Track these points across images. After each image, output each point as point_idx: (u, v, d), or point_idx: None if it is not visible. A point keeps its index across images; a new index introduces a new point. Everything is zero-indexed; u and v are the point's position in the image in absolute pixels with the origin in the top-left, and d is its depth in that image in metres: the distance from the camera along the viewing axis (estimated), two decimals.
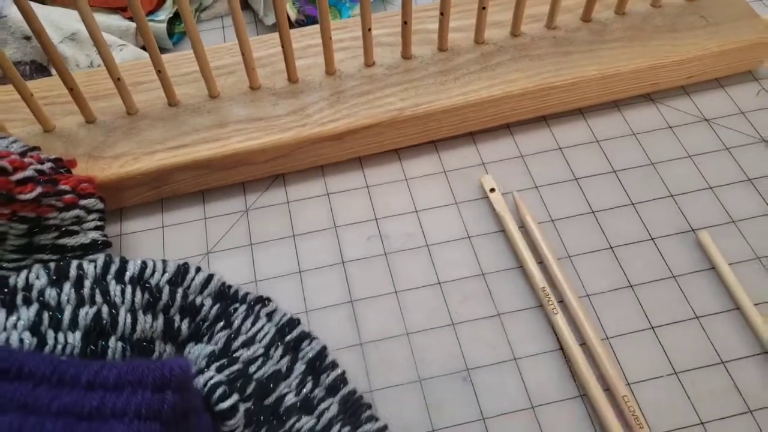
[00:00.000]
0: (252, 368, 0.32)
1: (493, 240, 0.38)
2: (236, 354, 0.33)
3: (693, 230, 0.37)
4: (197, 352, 0.33)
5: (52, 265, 0.33)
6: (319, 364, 0.33)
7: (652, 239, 0.37)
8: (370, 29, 0.40)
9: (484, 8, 0.41)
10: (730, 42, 0.42)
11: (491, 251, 0.37)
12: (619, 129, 0.42)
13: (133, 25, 0.48)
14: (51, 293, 0.31)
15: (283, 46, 0.40)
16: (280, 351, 0.33)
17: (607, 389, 0.32)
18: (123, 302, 0.32)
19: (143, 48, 0.48)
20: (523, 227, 0.38)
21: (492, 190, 0.39)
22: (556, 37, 0.43)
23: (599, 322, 0.34)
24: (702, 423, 0.31)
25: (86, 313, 0.31)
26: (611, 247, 0.37)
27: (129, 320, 0.32)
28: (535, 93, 0.41)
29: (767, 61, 0.44)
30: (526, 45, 0.43)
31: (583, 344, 0.33)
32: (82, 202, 0.36)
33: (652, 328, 0.34)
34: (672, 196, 0.39)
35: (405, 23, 0.41)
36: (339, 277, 0.37)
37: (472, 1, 0.45)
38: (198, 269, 0.35)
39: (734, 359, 0.33)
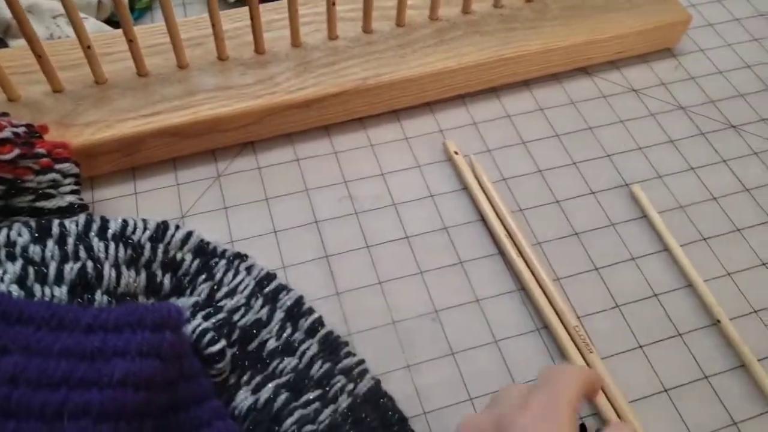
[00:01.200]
0: (235, 317, 0.34)
1: (454, 198, 0.41)
2: (220, 303, 0.34)
3: (627, 184, 0.42)
4: (181, 304, 0.35)
5: (33, 223, 0.33)
6: (297, 311, 0.35)
7: (593, 193, 0.42)
8: (334, 3, 0.43)
9: None
10: (650, 22, 0.48)
11: (452, 208, 0.41)
12: (559, 99, 0.47)
13: None
14: (35, 249, 0.32)
15: (252, 18, 0.42)
16: (260, 301, 0.35)
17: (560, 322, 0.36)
18: (107, 257, 0.33)
19: (105, 21, 0.49)
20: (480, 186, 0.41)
21: (456, 152, 0.43)
22: (502, 14, 0.47)
23: (550, 265, 0.39)
24: (641, 346, 0.36)
25: (71, 267, 0.32)
26: (557, 201, 0.41)
27: (113, 274, 0.33)
28: (485, 65, 0.45)
29: (682, 40, 0.50)
30: (477, 21, 0.47)
31: (538, 285, 0.37)
32: (58, 166, 0.37)
33: (596, 269, 0.39)
34: (608, 155, 0.44)
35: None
36: (313, 235, 0.39)
37: None
38: (177, 226, 0.36)
39: (665, 292, 0.38)
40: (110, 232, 0.34)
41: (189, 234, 0.36)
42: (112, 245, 0.34)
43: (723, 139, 0.45)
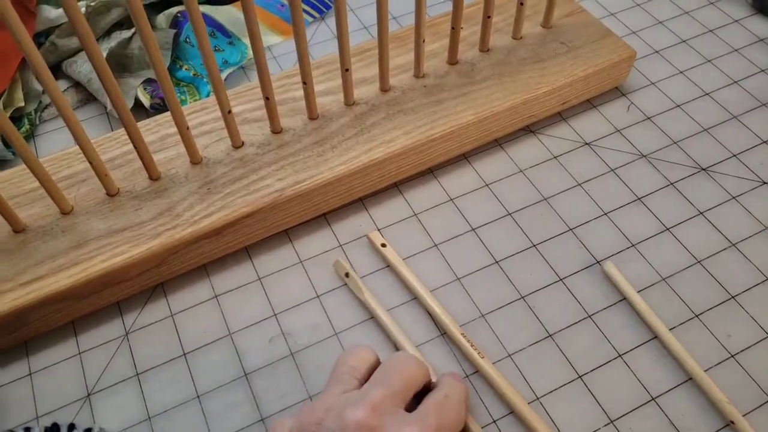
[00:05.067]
0: None
1: (405, 312, 0.35)
2: None
3: (597, 262, 0.37)
4: None
5: None
6: None
7: (560, 280, 0.36)
8: (230, 111, 0.37)
9: (347, 70, 0.39)
10: (593, 65, 0.43)
11: (407, 324, 0.35)
12: (505, 168, 0.42)
13: None
14: None
15: (135, 145, 0.36)
16: None
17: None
18: None
19: None
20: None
21: (347, 274, 0.36)
22: (426, 85, 0.42)
23: (527, 383, 0.33)
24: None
25: None
26: (522, 297, 0.36)
27: None
28: (415, 149, 0.39)
29: (628, 76, 0.45)
30: (398, 99, 0.41)
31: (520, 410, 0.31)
32: None
33: (580, 377, 0.33)
34: (570, 229, 0.38)
35: (267, 99, 0.38)
36: (244, 393, 0.33)
37: (333, 62, 0.43)
38: (71, 427, 0.30)
39: (664, 392, 0.32)
40: None
41: None
42: None
43: (695, 187, 0.40)
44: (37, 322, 0.35)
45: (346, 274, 0.36)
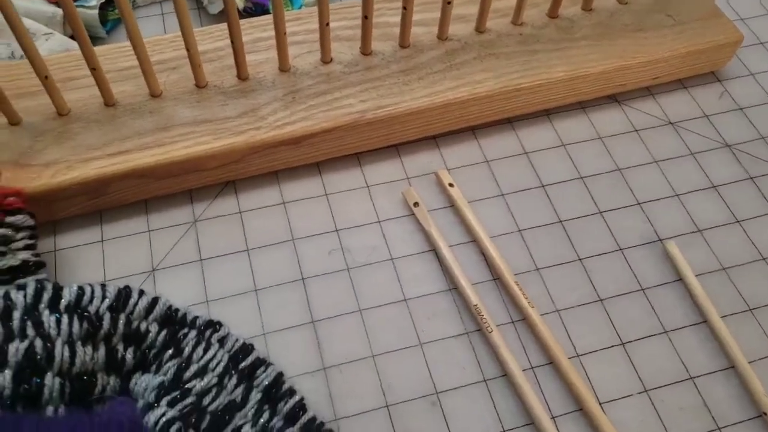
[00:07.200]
0: (206, 400, 0.30)
1: (460, 251, 0.36)
2: (188, 385, 0.30)
3: (660, 240, 0.37)
4: (145, 383, 0.31)
5: None
6: (276, 391, 0.31)
7: (620, 249, 0.36)
8: (328, 24, 0.37)
9: (449, 3, 0.38)
10: (697, 43, 0.41)
11: (461, 264, 0.36)
12: (585, 132, 0.41)
13: (60, 11, 0.43)
14: None
15: (233, 42, 0.36)
16: (234, 380, 0.31)
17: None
18: (59, 333, 0.29)
19: (73, 37, 0.44)
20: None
21: (416, 203, 0.37)
22: (522, 34, 0.41)
23: (569, 338, 0.33)
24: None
25: (16, 348, 0.28)
26: (579, 259, 0.36)
27: (67, 353, 0.29)
28: (502, 95, 0.39)
29: (729, 62, 0.44)
30: (492, 42, 0.41)
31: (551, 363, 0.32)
32: (9, 219, 0.32)
33: (622, 343, 0.33)
34: (639, 203, 0.38)
35: (366, 18, 0.38)
36: (299, 294, 0.35)
37: None
38: (141, 292, 0.32)
39: (703, 374, 0.33)
40: (63, 302, 0.30)
41: (155, 301, 0.32)
42: (65, 319, 0.29)
43: None
44: (116, 193, 0.36)
45: (415, 204, 0.37)
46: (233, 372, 0.31)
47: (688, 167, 0.40)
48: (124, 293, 0.31)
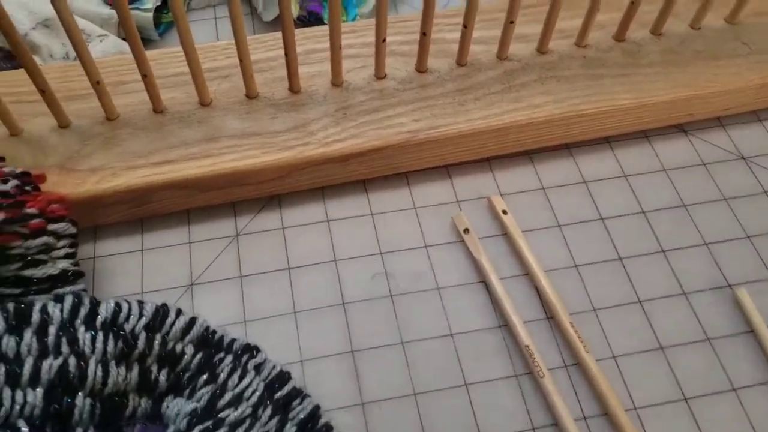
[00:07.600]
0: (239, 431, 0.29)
1: (511, 285, 0.34)
2: (221, 414, 0.29)
3: (729, 285, 0.34)
4: (177, 407, 0.29)
5: (10, 306, 0.28)
6: (312, 426, 0.29)
7: (684, 294, 0.34)
8: (384, 39, 0.36)
9: (512, 22, 0.37)
10: None
11: (514, 297, 0.34)
12: (648, 163, 0.39)
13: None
14: (9, 342, 0.27)
15: (287, 54, 0.35)
16: (269, 411, 0.29)
17: None
18: (93, 352, 0.28)
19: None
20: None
21: (504, 212, 0.35)
22: (586, 57, 0.39)
23: (627, 389, 0.31)
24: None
25: (50, 365, 0.27)
26: (639, 301, 0.34)
27: (100, 373, 0.28)
28: (562, 120, 0.37)
29: None
30: (554, 64, 0.39)
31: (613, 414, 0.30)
32: (51, 227, 0.31)
33: (685, 399, 0.31)
34: (706, 244, 0.36)
35: (424, 34, 0.36)
36: (339, 320, 0.33)
37: (495, 10, 0.41)
38: (179, 312, 0.31)
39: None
40: (99, 319, 0.29)
41: (192, 322, 0.31)
42: (100, 336, 0.29)
43: None
44: (158, 203, 0.36)
45: (466, 230, 0.35)
46: (268, 402, 0.30)
47: (761, 206, 0.37)
48: (161, 312, 0.30)
